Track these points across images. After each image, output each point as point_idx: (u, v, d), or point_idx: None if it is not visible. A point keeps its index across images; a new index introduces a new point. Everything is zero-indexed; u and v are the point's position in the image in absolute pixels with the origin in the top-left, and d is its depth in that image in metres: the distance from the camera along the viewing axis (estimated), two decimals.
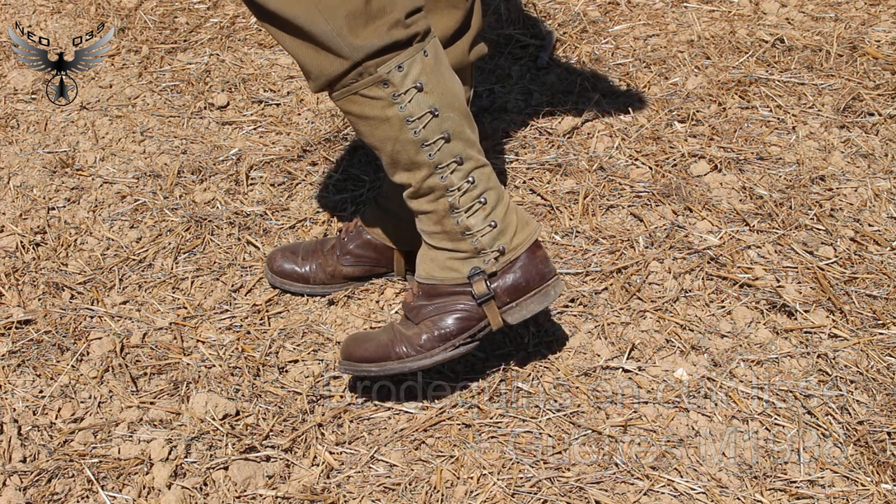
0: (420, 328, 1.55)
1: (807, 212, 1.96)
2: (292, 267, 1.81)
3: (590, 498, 1.46)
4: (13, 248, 1.95)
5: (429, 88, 1.43)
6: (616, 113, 2.26)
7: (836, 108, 2.25)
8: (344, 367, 1.58)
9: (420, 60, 1.42)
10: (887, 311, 1.74)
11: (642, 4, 2.72)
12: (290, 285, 1.82)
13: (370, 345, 1.57)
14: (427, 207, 1.51)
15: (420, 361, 1.55)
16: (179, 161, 2.18)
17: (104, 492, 1.47)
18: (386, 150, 1.47)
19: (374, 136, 1.46)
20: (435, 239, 1.54)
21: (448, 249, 1.53)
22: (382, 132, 1.45)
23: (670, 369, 1.66)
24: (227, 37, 2.64)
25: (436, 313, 1.55)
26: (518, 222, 1.55)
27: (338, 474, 1.51)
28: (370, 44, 1.38)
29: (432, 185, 1.49)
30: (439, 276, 1.55)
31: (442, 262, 1.54)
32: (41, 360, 1.70)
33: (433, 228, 1.53)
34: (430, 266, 1.55)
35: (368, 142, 1.48)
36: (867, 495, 1.45)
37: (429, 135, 1.45)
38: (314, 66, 1.41)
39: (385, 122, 1.44)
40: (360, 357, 1.56)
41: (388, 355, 1.55)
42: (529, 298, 1.55)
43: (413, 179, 1.49)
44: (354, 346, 1.58)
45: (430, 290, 1.55)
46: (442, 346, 1.54)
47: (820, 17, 2.61)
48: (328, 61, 1.40)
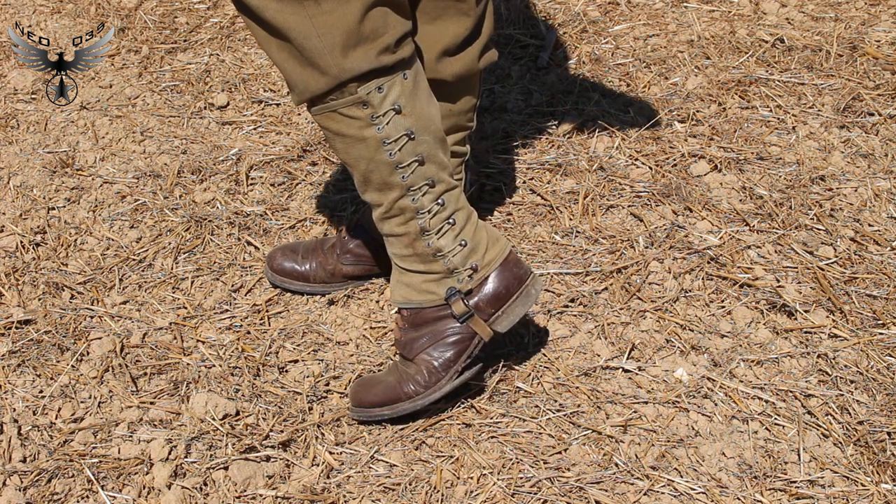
0: (418, 363, 1.55)
1: (807, 212, 1.96)
2: (292, 265, 1.81)
3: (590, 498, 1.46)
4: (13, 248, 1.95)
5: (407, 111, 1.43)
6: (616, 113, 2.26)
7: (836, 108, 2.25)
8: (356, 413, 1.59)
9: (399, 83, 1.42)
10: (887, 311, 1.74)
11: (642, 4, 2.72)
12: (290, 284, 1.82)
13: (378, 388, 1.57)
14: (398, 230, 1.51)
15: (430, 396, 1.56)
16: (179, 161, 2.18)
17: (104, 492, 1.47)
18: (359, 169, 1.47)
19: (349, 154, 1.46)
20: (407, 262, 1.54)
21: (421, 272, 1.54)
22: (357, 151, 1.45)
23: (670, 369, 1.66)
24: (227, 37, 2.64)
25: (429, 344, 1.55)
26: (489, 239, 1.55)
27: (338, 474, 1.51)
28: (357, 66, 1.38)
29: (403, 207, 1.49)
30: (417, 300, 1.55)
31: (417, 285, 1.54)
32: (41, 360, 1.70)
33: (404, 252, 1.53)
34: (406, 291, 1.55)
35: (342, 158, 1.48)
36: (867, 495, 1.45)
37: (404, 157, 1.45)
38: (299, 79, 1.40)
39: (361, 142, 1.44)
40: (371, 402, 1.57)
41: (398, 396, 1.55)
42: (513, 303, 1.56)
43: (384, 200, 1.49)
44: (363, 392, 1.58)
45: (415, 319, 1.56)
46: (447, 374, 1.56)
47: (820, 17, 2.61)
48: (313, 77, 1.39)
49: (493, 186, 2.05)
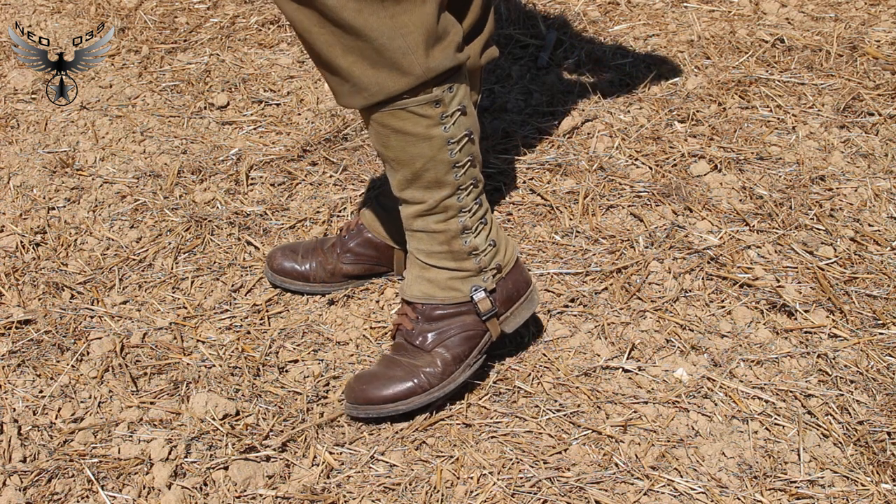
0: (433, 356, 1.56)
1: (807, 212, 1.96)
2: (292, 265, 1.81)
3: (590, 498, 1.46)
4: (13, 248, 1.95)
5: (468, 111, 1.45)
6: (616, 113, 2.26)
7: (836, 108, 2.25)
8: (363, 411, 1.55)
9: (464, 83, 1.44)
10: (887, 311, 1.74)
11: (642, 4, 2.72)
12: (290, 283, 1.82)
13: (387, 383, 1.55)
14: (436, 227, 1.52)
15: (446, 388, 1.56)
16: (179, 161, 2.18)
17: (104, 492, 1.47)
18: (412, 167, 1.46)
19: (405, 152, 1.45)
20: (435, 259, 1.54)
21: (450, 269, 1.55)
22: (417, 149, 1.45)
23: (670, 369, 1.66)
24: (227, 37, 2.64)
25: (445, 338, 1.57)
26: (505, 239, 1.59)
27: (338, 474, 1.51)
28: (441, 64, 1.39)
29: (448, 205, 1.50)
30: (440, 297, 1.56)
31: (443, 282, 1.56)
32: (41, 360, 1.70)
33: (437, 249, 1.54)
34: (429, 287, 1.56)
35: (392, 155, 1.46)
36: (867, 495, 1.45)
37: (461, 157, 1.47)
38: (371, 81, 1.38)
39: (425, 141, 1.44)
40: (384, 399, 1.54)
41: (412, 390, 1.55)
42: (521, 305, 1.62)
43: (430, 198, 1.49)
44: (370, 389, 1.54)
45: (431, 313, 1.57)
46: (459, 367, 1.57)
47: (820, 17, 2.61)
48: (391, 77, 1.37)
49: (493, 186, 2.05)
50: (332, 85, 1.43)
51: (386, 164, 1.50)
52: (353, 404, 1.56)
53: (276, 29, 2.68)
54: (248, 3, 2.81)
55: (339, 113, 2.31)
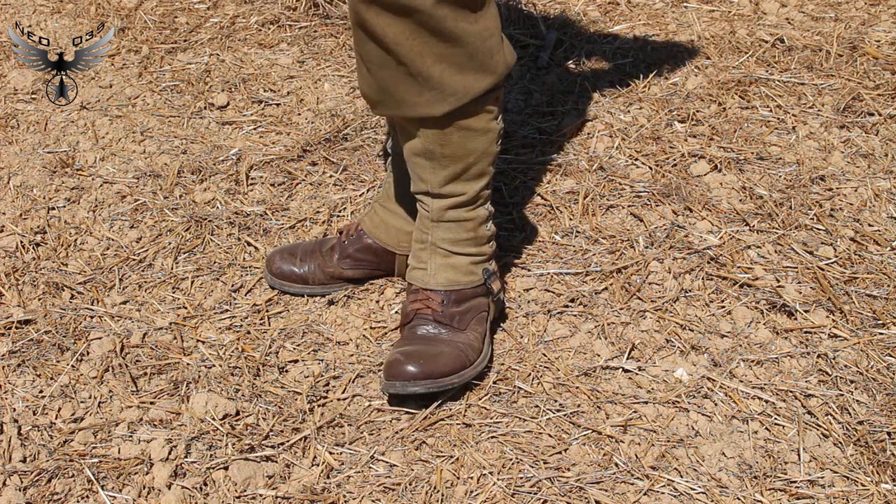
0: (467, 333, 1.62)
1: (807, 212, 1.96)
2: (290, 268, 1.81)
3: (590, 498, 1.46)
4: (13, 248, 1.95)
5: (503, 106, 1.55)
6: (616, 113, 2.26)
7: (836, 108, 2.25)
8: (428, 386, 1.56)
9: None
10: (887, 311, 1.74)
11: (642, 4, 2.72)
12: (290, 286, 1.82)
13: (441, 359, 1.58)
14: (467, 216, 1.60)
15: (483, 363, 1.63)
16: (179, 161, 2.18)
17: (104, 492, 1.47)
18: (466, 161, 1.54)
19: (463, 148, 1.52)
20: (459, 246, 1.62)
21: (471, 255, 1.63)
22: (474, 143, 1.52)
23: (670, 369, 1.66)
24: (227, 37, 2.64)
25: (473, 316, 1.64)
26: None
27: (338, 474, 1.51)
28: (512, 58, 1.48)
29: (483, 195, 1.60)
30: (464, 281, 1.64)
31: (464, 267, 1.64)
32: (41, 360, 1.70)
33: (463, 236, 1.61)
34: (452, 273, 1.63)
35: (448, 152, 1.52)
36: (867, 495, 1.45)
37: (500, 148, 1.59)
38: (459, 85, 1.44)
39: (484, 135, 1.52)
40: (443, 372, 1.57)
41: (463, 364, 1.59)
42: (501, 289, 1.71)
43: (471, 189, 1.57)
44: (431, 364, 1.56)
45: (458, 297, 1.63)
46: (485, 343, 1.65)
47: (820, 17, 2.61)
48: (476, 79, 1.44)
49: (493, 187, 2.05)
50: (406, 97, 1.46)
51: (429, 163, 1.55)
52: (412, 380, 1.55)
53: (276, 29, 2.68)
54: (248, 3, 2.81)
55: (339, 113, 2.31)
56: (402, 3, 1.36)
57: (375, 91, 1.50)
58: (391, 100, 1.49)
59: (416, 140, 1.54)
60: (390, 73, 1.45)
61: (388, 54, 1.42)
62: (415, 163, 1.57)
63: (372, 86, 1.50)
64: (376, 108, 1.55)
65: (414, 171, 1.59)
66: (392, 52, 1.41)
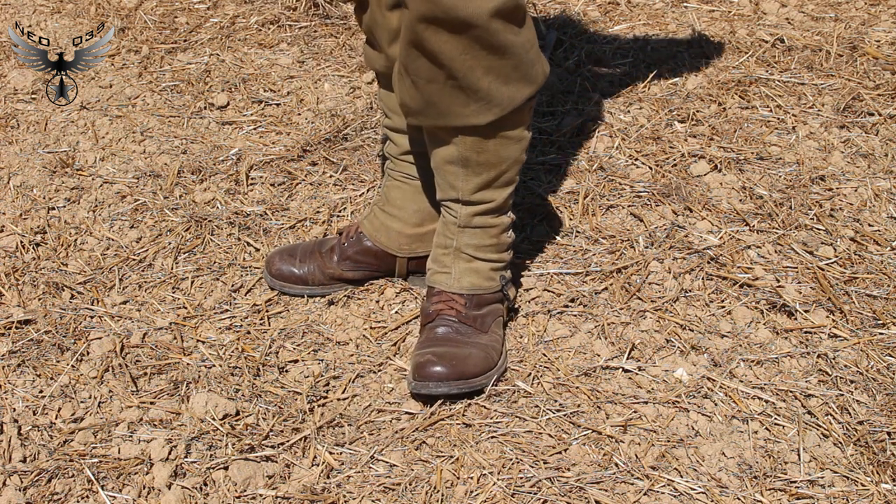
0: (490, 336, 1.66)
1: (807, 212, 1.96)
2: (290, 269, 1.82)
3: (590, 498, 1.46)
4: (13, 248, 1.95)
5: None
6: (616, 113, 2.26)
7: (836, 108, 2.25)
8: (461, 387, 1.59)
9: None
10: (887, 311, 1.74)
11: (642, 4, 2.72)
12: (289, 287, 1.82)
13: (471, 360, 1.60)
14: (493, 222, 1.64)
15: (504, 365, 1.67)
16: (179, 161, 2.18)
17: (104, 492, 1.47)
18: (499, 169, 1.57)
19: (497, 156, 1.56)
20: (483, 252, 1.66)
21: (493, 261, 1.67)
22: (508, 152, 1.56)
23: (670, 369, 1.66)
24: (227, 37, 2.64)
25: (493, 320, 1.68)
26: None
27: (338, 474, 1.51)
28: (546, 68, 1.54)
29: (509, 203, 1.64)
30: (485, 286, 1.67)
31: (486, 273, 1.67)
32: (41, 360, 1.70)
33: (487, 242, 1.65)
34: (475, 278, 1.66)
35: (483, 160, 1.56)
36: (867, 495, 1.45)
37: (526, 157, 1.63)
38: (504, 96, 1.48)
39: (518, 143, 1.57)
40: (471, 374, 1.60)
41: (489, 365, 1.62)
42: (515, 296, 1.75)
43: (499, 196, 1.61)
44: (462, 366, 1.59)
45: (479, 301, 1.67)
46: (503, 346, 1.68)
47: (820, 17, 2.61)
48: (518, 89, 1.49)
49: None
50: (452, 108, 1.49)
51: (462, 170, 1.58)
52: (443, 382, 1.58)
53: (276, 29, 2.68)
54: (248, 3, 2.81)
55: (339, 113, 2.31)
56: (460, 20, 1.39)
57: (419, 103, 1.52)
58: (434, 111, 1.51)
59: (449, 148, 1.56)
60: (438, 87, 1.48)
61: (439, 69, 1.45)
62: (446, 171, 1.59)
63: (415, 98, 1.52)
64: (416, 118, 1.56)
65: (445, 178, 1.61)
66: (445, 67, 1.45)
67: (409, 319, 1.78)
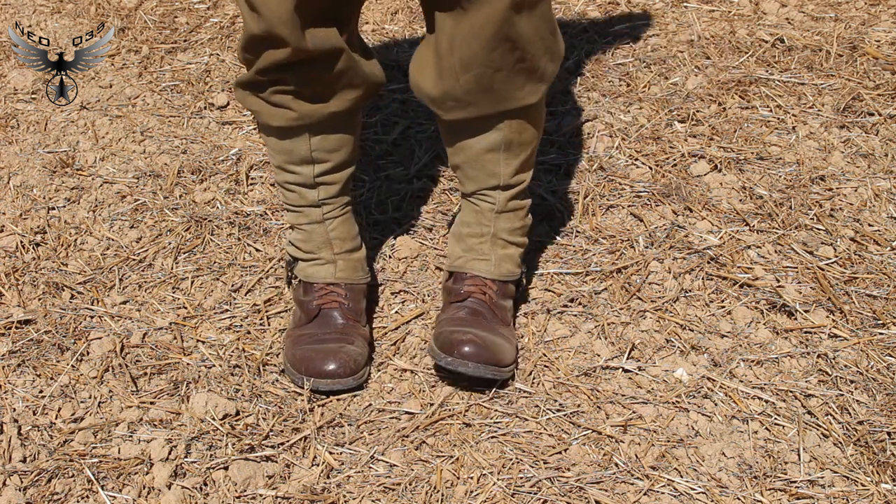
0: (510, 329, 1.69)
1: (807, 212, 1.96)
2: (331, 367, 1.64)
3: (590, 498, 1.46)
4: (13, 248, 1.95)
5: None
6: (616, 113, 2.26)
7: (836, 108, 2.25)
8: (495, 373, 1.59)
9: None
10: (887, 311, 1.74)
11: (642, 4, 2.72)
12: (342, 384, 1.64)
13: (503, 349, 1.62)
14: (521, 203, 1.70)
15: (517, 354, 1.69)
16: (179, 161, 2.18)
17: (104, 492, 1.48)
18: (532, 145, 1.63)
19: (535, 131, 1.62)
20: (514, 235, 1.70)
21: (519, 245, 1.72)
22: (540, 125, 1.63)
23: (670, 369, 1.66)
24: (227, 37, 2.64)
25: (511, 314, 1.72)
26: None
27: (338, 474, 1.51)
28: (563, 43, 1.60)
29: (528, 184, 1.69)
30: (515, 272, 1.71)
31: (515, 258, 1.72)
32: (41, 360, 1.70)
33: (517, 224, 1.70)
34: (510, 264, 1.70)
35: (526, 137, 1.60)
36: (867, 495, 1.45)
37: None
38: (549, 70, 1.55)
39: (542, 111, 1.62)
40: (502, 362, 1.61)
41: (513, 358, 1.65)
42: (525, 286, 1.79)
43: (528, 176, 1.68)
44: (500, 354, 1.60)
45: (505, 290, 1.70)
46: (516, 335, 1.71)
47: (820, 17, 2.61)
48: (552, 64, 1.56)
49: None
50: (508, 92, 1.52)
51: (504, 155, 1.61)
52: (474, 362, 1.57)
53: None
54: None
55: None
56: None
57: (475, 95, 1.51)
58: (490, 99, 1.52)
59: (492, 135, 1.58)
60: (504, 73, 1.49)
61: (511, 54, 1.47)
62: (485, 160, 1.62)
63: (472, 91, 1.51)
64: (467, 110, 1.55)
65: (482, 169, 1.63)
66: (519, 50, 1.48)
67: (409, 319, 1.78)
